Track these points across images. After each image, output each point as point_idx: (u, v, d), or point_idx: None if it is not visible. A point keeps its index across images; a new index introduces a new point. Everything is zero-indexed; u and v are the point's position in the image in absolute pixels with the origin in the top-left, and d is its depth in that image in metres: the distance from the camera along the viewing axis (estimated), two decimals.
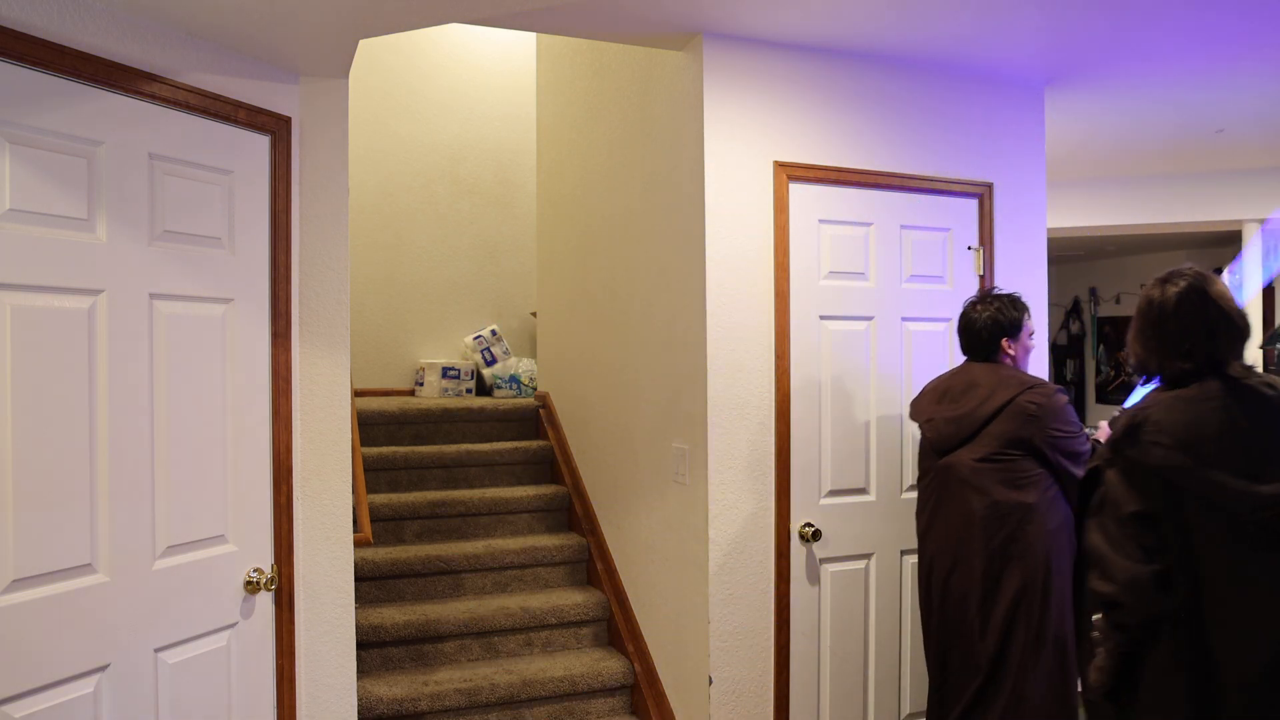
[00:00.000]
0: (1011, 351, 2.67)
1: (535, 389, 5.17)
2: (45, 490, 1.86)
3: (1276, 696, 1.71)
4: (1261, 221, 5.35)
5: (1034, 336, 2.75)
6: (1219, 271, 7.10)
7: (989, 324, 2.66)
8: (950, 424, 2.62)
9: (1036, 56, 3.08)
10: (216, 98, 2.24)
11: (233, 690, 2.29)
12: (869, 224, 3.08)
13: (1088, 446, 2.51)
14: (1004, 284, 3.30)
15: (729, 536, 2.88)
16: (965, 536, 2.55)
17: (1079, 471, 2.43)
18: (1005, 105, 3.31)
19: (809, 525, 2.97)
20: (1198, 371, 1.85)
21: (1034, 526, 2.48)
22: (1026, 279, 3.33)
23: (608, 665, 3.43)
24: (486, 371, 5.49)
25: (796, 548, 2.96)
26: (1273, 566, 1.73)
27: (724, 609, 2.87)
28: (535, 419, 4.71)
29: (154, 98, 2.09)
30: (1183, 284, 1.90)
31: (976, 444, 2.56)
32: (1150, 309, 1.94)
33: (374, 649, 3.37)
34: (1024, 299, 2.74)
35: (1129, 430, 1.84)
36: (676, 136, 3.05)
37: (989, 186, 3.26)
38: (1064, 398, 2.56)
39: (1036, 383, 2.57)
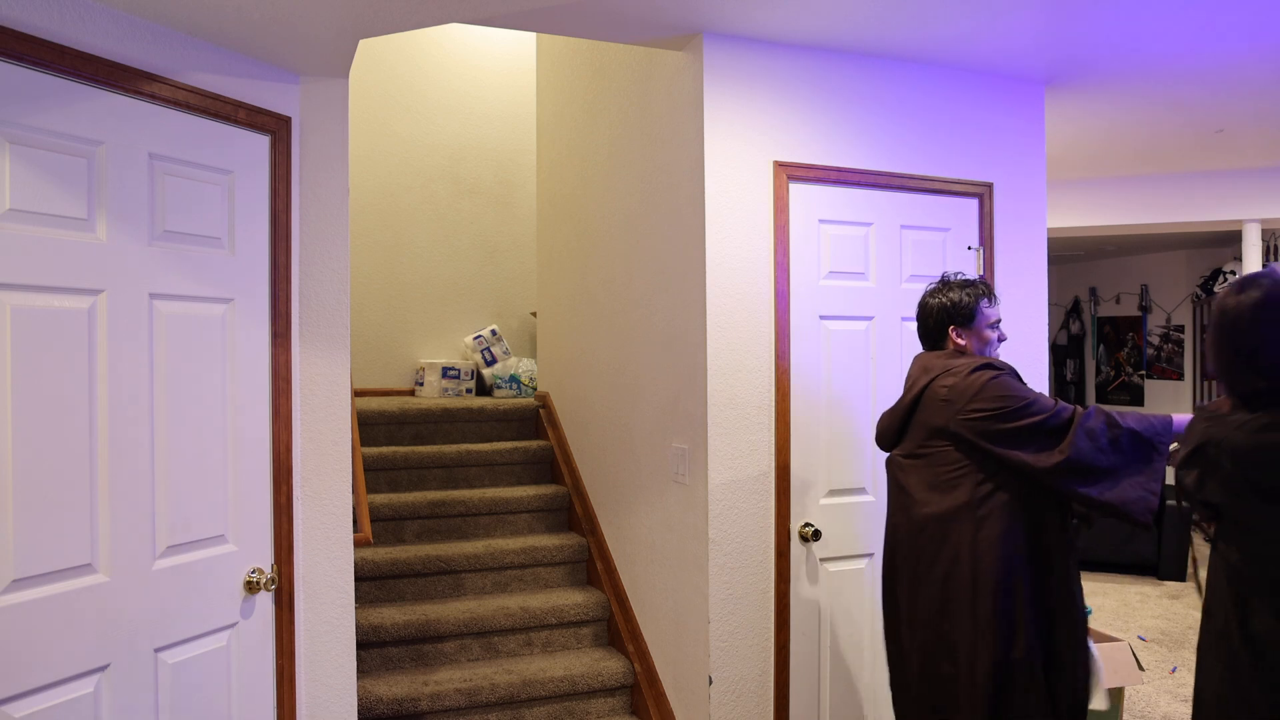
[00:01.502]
0: (962, 342, 2.38)
1: (535, 389, 5.17)
2: (45, 490, 1.86)
3: None
4: (1262, 222, 5.36)
5: (998, 327, 2.42)
6: (1220, 272, 7.09)
7: (936, 311, 2.41)
8: (886, 417, 2.48)
9: (1036, 56, 3.08)
10: (216, 98, 2.24)
11: (233, 690, 2.29)
12: (869, 224, 3.08)
13: (1041, 419, 2.15)
14: (1004, 284, 3.29)
15: (729, 536, 2.88)
16: (898, 546, 2.35)
17: (1029, 455, 2.13)
18: (1005, 105, 3.31)
19: (809, 525, 2.97)
20: (1273, 393, 1.66)
21: (958, 535, 2.19)
22: (1026, 279, 3.33)
23: (608, 665, 3.43)
24: (486, 371, 5.48)
25: (796, 547, 2.96)
26: None
27: (724, 609, 2.87)
28: (535, 419, 4.72)
29: (154, 98, 2.09)
30: (1258, 292, 1.68)
31: (908, 438, 2.36)
32: (1224, 317, 1.73)
33: (374, 649, 3.37)
34: (987, 284, 2.46)
35: (1194, 453, 1.72)
36: (676, 136, 3.05)
37: (989, 186, 3.26)
38: (987, 374, 2.22)
39: (959, 365, 2.29)
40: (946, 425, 2.24)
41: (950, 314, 2.38)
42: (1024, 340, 3.34)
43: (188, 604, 2.17)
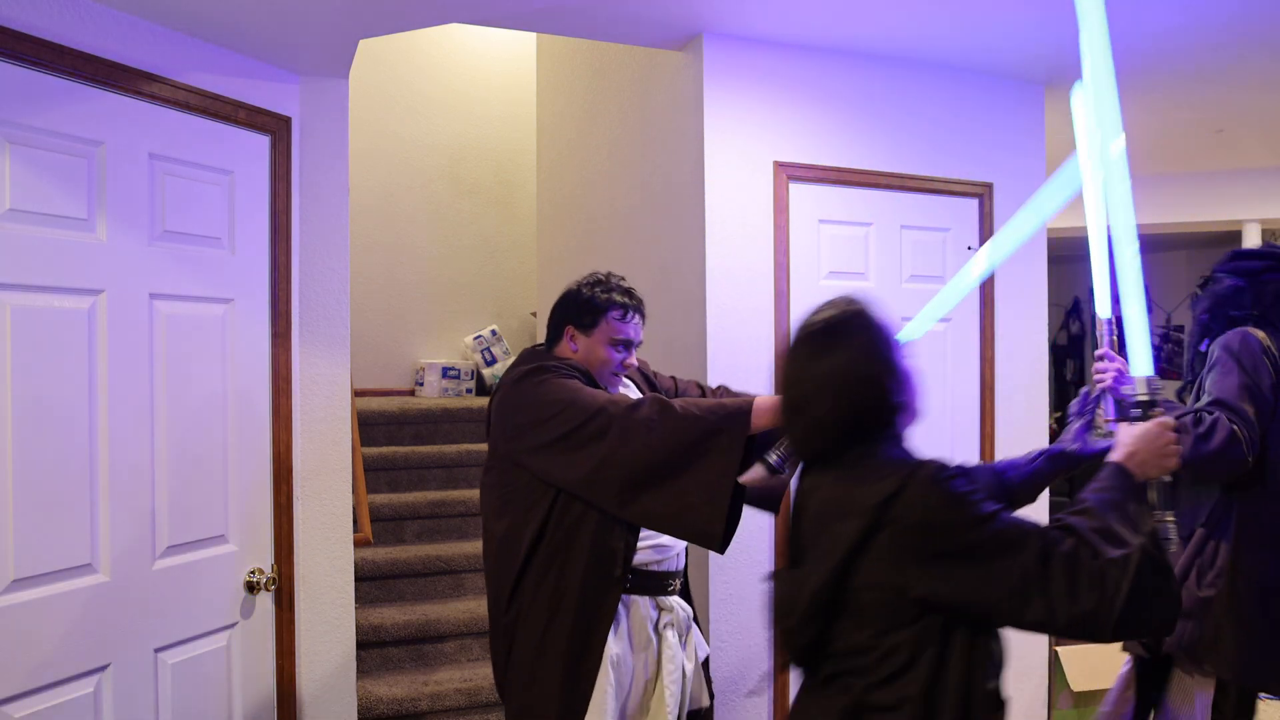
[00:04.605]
0: (574, 346, 2.00)
1: None
2: (45, 490, 1.86)
3: None
4: (1262, 221, 5.35)
5: (626, 350, 2.00)
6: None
7: (561, 301, 2.05)
8: None
9: (1036, 56, 3.08)
10: (216, 98, 2.23)
11: (233, 690, 2.29)
12: (869, 224, 3.08)
13: (579, 424, 1.77)
14: (1004, 284, 3.29)
15: None
16: None
17: (561, 468, 1.80)
18: (1005, 105, 3.31)
19: None
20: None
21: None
22: (1026, 279, 3.33)
23: None
24: (486, 371, 5.48)
25: None
26: None
27: (724, 609, 2.87)
28: None
29: (154, 98, 2.09)
30: (818, 327, 1.42)
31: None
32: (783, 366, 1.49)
33: (374, 649, 3.37)
34: (638, 301, 2.05)
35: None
36: (676, 136, 3.05)
37: (989, 186, 3.26)
38: (530, 380, 1.88)
39: (516, 372, 1.95)
40: (493, 447, 1.96)
41: (571, 308, 2.02)
42: (1024, 340, 3.34)
43: (188, 604, 2.16)
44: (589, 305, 1.99)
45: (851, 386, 1.35)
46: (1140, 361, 1.42)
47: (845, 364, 1.35)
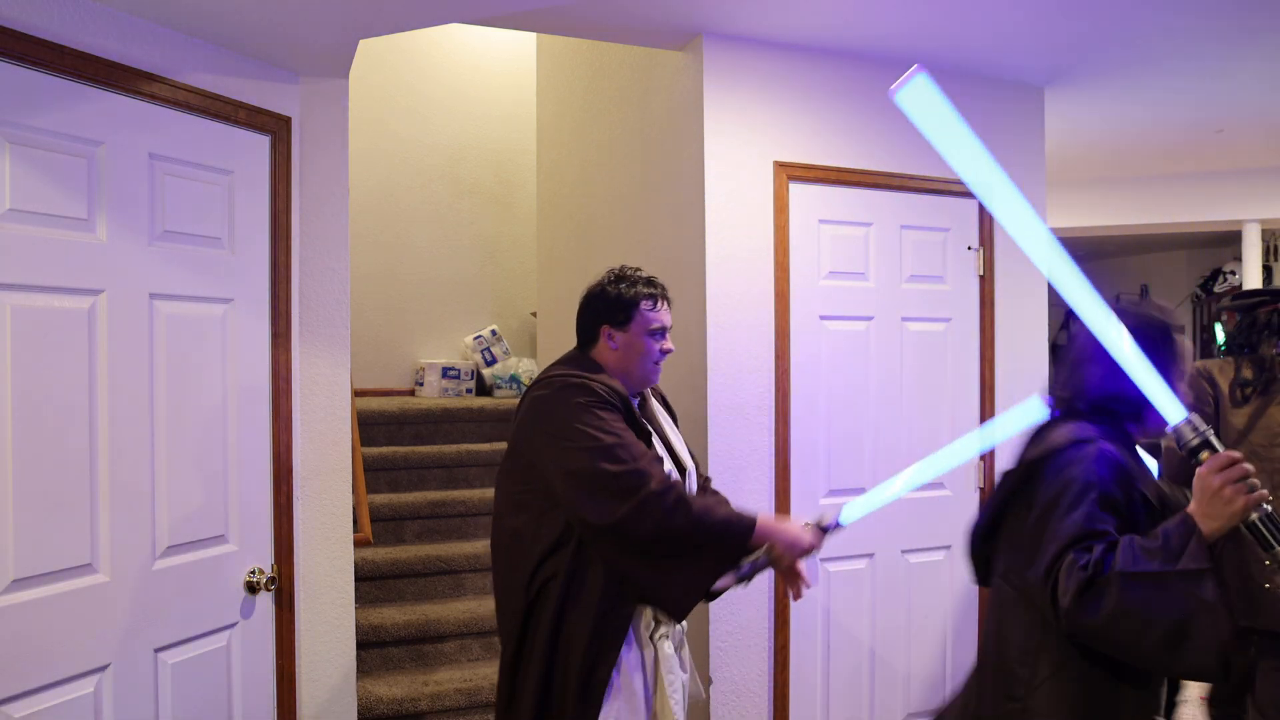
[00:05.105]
0: (614, 345, 2.02)
1: None
2: (46, 490, 1.86)
3: None
4: (1262, 222, 5.36)
5: (662, 336, 2.05)
6: (1220, 272, 7.07)
7: (590, 302, 2.05)
8: None
9: (1036, 56, 3.08)
10: (216, 98, 2.23)
11: (233, 690, 2.29)
12: (869, 224, 3.08)
13: (612, 473, 1.81)
14: (1004, 284, 3.29)
15: None
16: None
17: (575, 503, 1.83)
18: (1005, 106, 3.31)
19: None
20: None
21: (518, 568, 1.93)
22: (1026, 279, 3.33)
23: None
24: (486, 371, 5.48)
25: None
26: None
27: (724, 609, 2.87)
28: None
29: (154, 98, 2.09)
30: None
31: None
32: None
33: (374, 649, 3.37)
34: (662, 286, 2.11)
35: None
36: (676, 136, 3.05)
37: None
38: (573, 397, 1.89)
39: (557, 376, 1.97)
40: (516, 443, 1.98)
41: (602, 308, 2.03)
42: (1024, 340, 3.34)
43: (188, 604, 2.16)
44: (619, 302, 2.02)
45: (1124, 373, 1.48)
46: (1170, 410, 1.39)
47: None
